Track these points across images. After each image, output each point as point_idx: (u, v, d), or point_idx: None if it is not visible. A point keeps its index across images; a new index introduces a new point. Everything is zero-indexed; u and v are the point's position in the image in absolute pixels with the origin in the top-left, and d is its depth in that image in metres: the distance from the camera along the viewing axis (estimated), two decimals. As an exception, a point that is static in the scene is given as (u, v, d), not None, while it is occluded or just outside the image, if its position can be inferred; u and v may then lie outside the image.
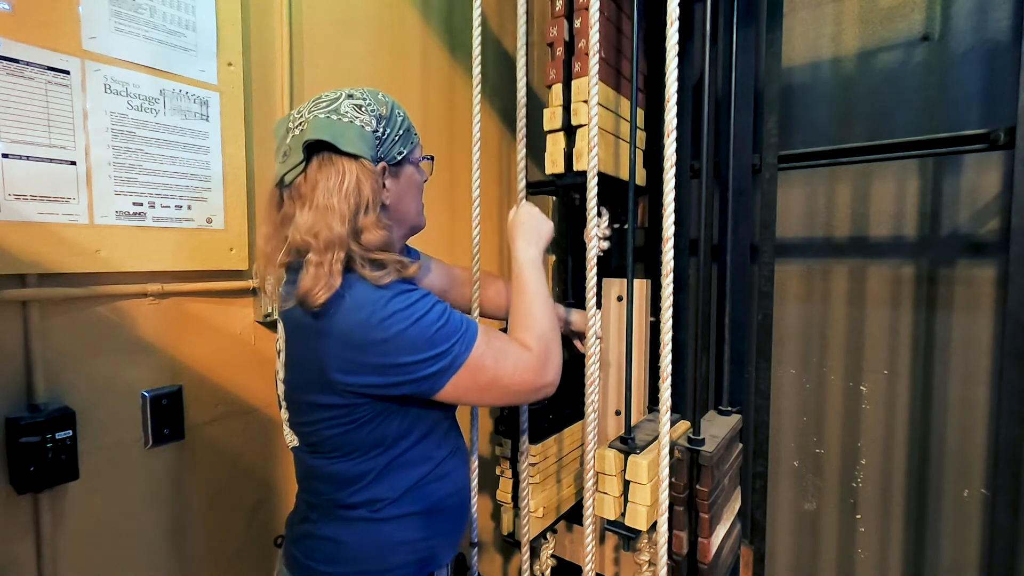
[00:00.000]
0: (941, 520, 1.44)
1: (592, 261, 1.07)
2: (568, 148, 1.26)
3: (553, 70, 1.29)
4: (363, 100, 0.77)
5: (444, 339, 0.72)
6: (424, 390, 0.73)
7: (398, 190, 0.80)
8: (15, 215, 0.83)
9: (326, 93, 0.78)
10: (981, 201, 1.35)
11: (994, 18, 1.31)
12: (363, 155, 0.73)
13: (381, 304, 0.70)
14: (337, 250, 0.70)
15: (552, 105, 1.28)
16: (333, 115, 0.74)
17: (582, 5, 1.24)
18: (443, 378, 0.72)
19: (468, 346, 0.73)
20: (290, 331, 0.77)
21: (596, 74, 1.03)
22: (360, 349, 0.69)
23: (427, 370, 0.71)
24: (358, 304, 0.70)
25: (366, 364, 0.70)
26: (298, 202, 0.74)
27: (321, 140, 0.72)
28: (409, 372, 0.71)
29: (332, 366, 0.70)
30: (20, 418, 0.83)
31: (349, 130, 0.73)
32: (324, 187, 0.71)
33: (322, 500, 0.81)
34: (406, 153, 0.81)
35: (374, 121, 0.76)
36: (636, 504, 1.22)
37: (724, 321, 1.43)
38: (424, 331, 0.71)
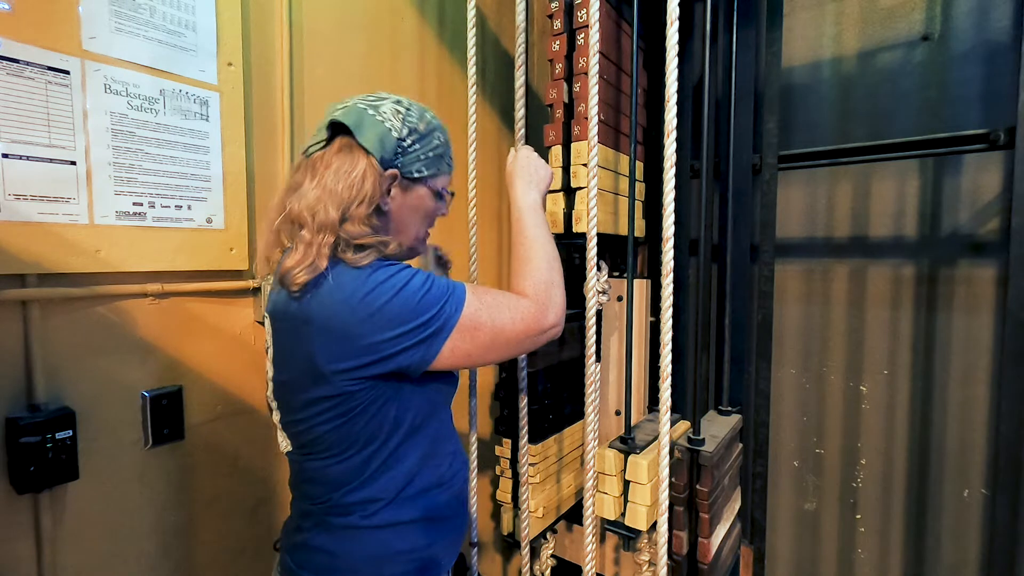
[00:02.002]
0: (941, 520, 1.44)
1: (591, 312, 1.10)
2: (568, 209, 1.28)
3: (552, 132, 1.31)
4: (405, 109, 0.78)
5: (431, 304, 0.70)
6: (418, 360, 0.71)
7: (402, 203, 0.79)
8: (15, 215, 0.83)
9: (382, 92, 0.80)
10: (981, 201, 1.35)
11: (994, 18, 1.31)
12: (374, 153, 0.74)
13: (361, 280, 0.69)
14: (327, 233, 0.70)
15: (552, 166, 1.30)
16: (370, 109, 0.76)
17: (581, 69, 1.25)
18: (436, 343, 0.70)
19: (458, 307, 0.72)
20: (276, 324, 0.75)
21: (596, 142, 1.05)
22: (346, 330, 0.68)
23: (419, 336, 0.69)
24: (339, 284, 0.69)
25: (355, 346, 0.68)
26: (309, 173, 0.75)
27: (344, 125, 0.74)
28: (400, 342, 0.69)
29: (320, 354, 0.69)
30: (20, 418, 0.83)
31: (375, 127, 0.74)
32: (335, 170, 0.73)
33: (315, 506, 0.79)
34: (426, 175, 0.80)
35: (405, 130, 0.76)
36: (636, 504, 1.22)
37: (724, 321, 1.43)
38: (409, 299, 0.69)
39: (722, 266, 1.45)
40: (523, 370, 1.22)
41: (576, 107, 1.29)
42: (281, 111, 1.19)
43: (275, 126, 1.18)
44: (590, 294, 1.11)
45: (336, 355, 0.69)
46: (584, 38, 1.26)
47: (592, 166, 1.05)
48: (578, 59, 1.27)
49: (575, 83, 1.29)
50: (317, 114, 1.26)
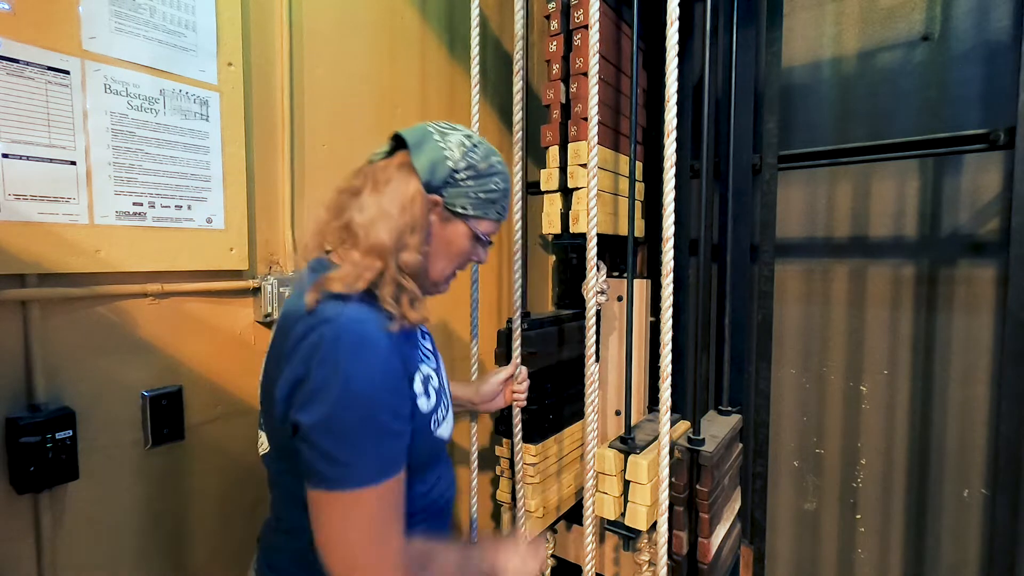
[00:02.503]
0: (941, 520, 1.44)
1: (591, 312, 1.10)
2: (565, 210, 1.28)
3: (549, 132, 1.31)
4: (472, 146, 0.76)
5: (351, 442, 0.61)
6: (305, 474, 0.63)
7: (438, 233, 0.76)
8: (15, 215, 0.83)
9: (461, 125, 0.79)
10: (981, 201, 1.35)
11: (994, 18, 1.31)
12: (421, 176, 0.72)
13: (356, 363, 0.61)
14: (376, 259, 0.68)
15: (549, 167, 1.30)
16: (436, 134, 0.75)
17: (579, 70, 1.25)
18: (311, 476, 0.62)
19: (362, 480, 0.61)
20: (279, 326, 0.72)
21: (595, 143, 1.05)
22: (303, 377, 0.62)
23: (316, 463, 0.61)
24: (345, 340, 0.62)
25: (295, 412, 0.62)
26: (370, 183, 0.73)
27: (405, 141, 0.74)
28: (308, 445, 0.61)
29: (279, 391, 0.64)
30: (20, 418, 0.83)
31: (432, 152, 0.73)
32: (392, 189, 0.71)
33: (287, 527, 0.75)
34: (470, 214, 0.76)
35: (463, 163, 0.74)
36: (636, 504, 1.22)
37: (724, 321, 1.43)
38: (354, 429, 0.61)
39: (722, 266, 1.45)
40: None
41: (573, 108, 1.29)
42: (281, 111, 1.19)
43: (275, 126, 1.18)
44: (589, 294, 1.11)
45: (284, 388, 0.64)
46: (581, 39, 1.26)
47: (591, 167, 1.05)
48: (575, 60, 1.27)
49: (572, 84, 1.29)
50: (317, 114, 1.27)
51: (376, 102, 1.41)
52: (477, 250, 0.82)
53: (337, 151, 1.32)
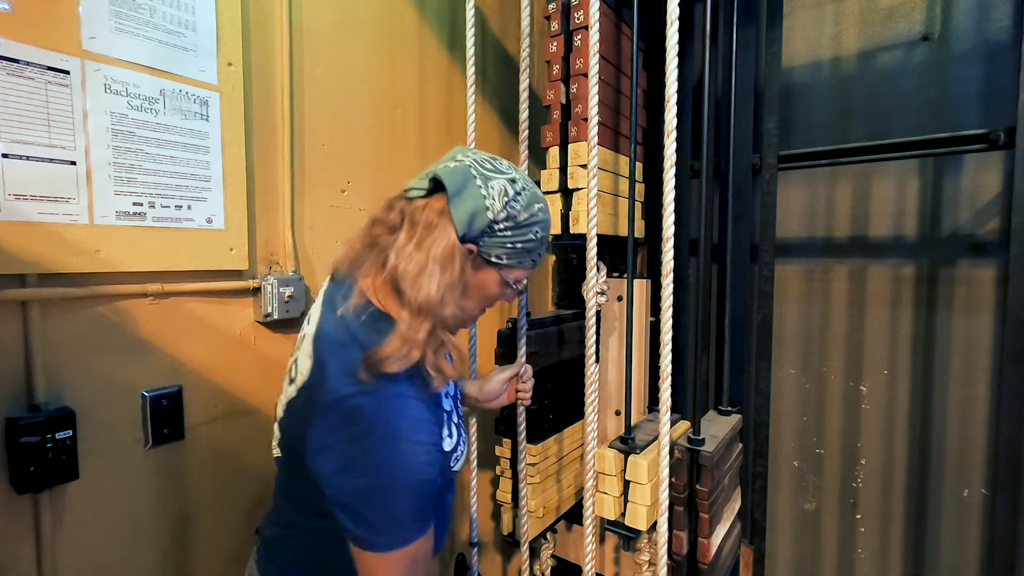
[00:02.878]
0: (941, 520, 1.44)
1: (591, 312, 1.10)
2: (565, 210, 1.28)
3: (549, 133, 1.31)
4: (515, 193, 0.72)
5: (391, 514, 0.64)
6: (347, 535, 0.66)
7: (469, 279, 0.74)
8: (15, 215, 0.83)
9: (506, 164, 0.76)
10: (981, 201, 1.35)
11: (994, 18, 1.31)
12: (458, 229, 0.69)
13: (401, 447, 0.64)
14: (426, 319, 0.67)
15: (549, 167, 1.30)
16: (479, 179, 0.71)
17: (579, 71, 1.25)
18: (355, 540, 0.65)
19: (391, 544, 0.65)
20: (316, 343, 0.72)
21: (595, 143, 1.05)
22: (340, 441, 0.64)
23: (355, 526, 0.64)
24: (388, 415, 0.65)
25: (327, 467, 0.65)
26: (407, 224, 0.71)
27: (444, 186, 0.70)
28: (344, 505, 0.65)
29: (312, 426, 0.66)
30: (20, 418, 0.83)
31: (472, 200, 0.70)
32: (434, 239, 0.68)
33: (291, 525, 0.79)
34: (504, 264, 0.74)
35: (503, 214, 0.71)
36: (636, 504, 1.22)
37: (724, 321, 1.43)
38: (397, 503, 0.64)
39: (722, 266, 1.45)
40: (523, 370, 1.22)
41: (574, 108, 1.29)
42: (281, 111, 1.19)
43: (275, 126, 1.18)
44: (589, 295, 1.11)
45: (316, 449, 0.66)
46: (581, 39, 1.26)
47: (592, 167, 1.05)
48: (575, 60, 1.27)
49: (572, 84, 1.29)
50: (317, 114, 1.27)
51: (376, 102, 1.41)
52: (506, 293, 0.80)
53: (337, 151, 1.32)
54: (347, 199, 1.35)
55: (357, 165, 1.37)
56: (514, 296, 0.83)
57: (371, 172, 1.40)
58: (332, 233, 1.31)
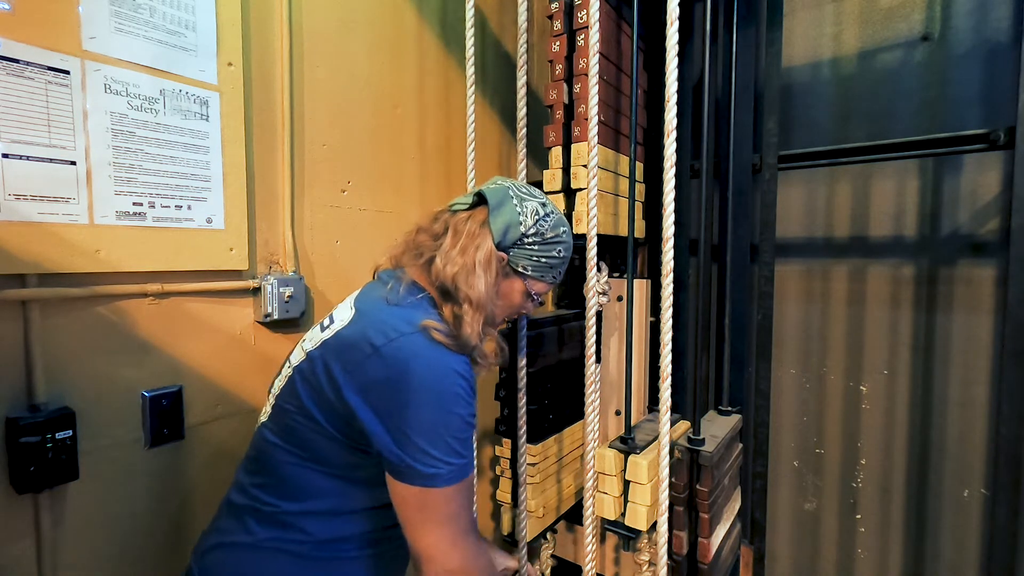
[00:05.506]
0: (941, 520, 1.44)
1: (591, 313, 1.11)
2: (568, 210, 1.28)
3: (552, 133, 1.31)
4: (545, 215, 0.84)
5: (449, 446, 0.70)
6: (387, 470, 0.72)
7: (500, 285, 0.84)
8: (15, 215, 0.83)
9: (539, 192, 0.88)
10: (981, 201, 1.35)
11: (994, 18, 1.31)
12: (495, 237, 0.80)
13: (454, 379, 0.71)
14: (481, 312, 0.76)
15: (552, 167, 1.30)
16: (515, 198, 0.82)
17: (581, 71, 1.25)
18: (415, 476, 0.69)
19: (452, 479, 0.70)
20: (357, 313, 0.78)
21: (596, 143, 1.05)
22: (393, 383, 0.69)
23: (413, 462, 0.69)
24: (437, 358, 0.72)
25: (384, 405, 0.70)
26: (452, 232, 0.80)
27: (486, 200, 0.81)
28: (402, 441, 0.69)
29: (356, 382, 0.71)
30: (20, 418, 0.83)
31: (509, 214, 0.80)
32: (477, 246, 0.78)
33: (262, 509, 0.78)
34: (529, 275, 0.85)
35: (532, 230, 0.82)
36: (636, 504, 1.22)
37: (724, 321, 1.43)
38: (448, 426, 0.70)
39: (722, 266, 1.45)
40: (523, 370, 1.22)
41: (576, 108, 1.29)
42: (281, 111, 1.19)
43: (275, 126, 1.18)
44: (590, 295, 1.11)
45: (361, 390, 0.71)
46: (584, 39, 1.26)
47: (592, 167, 1.05)
48: (578, 60, 1.27)
49: (575, 84, 1.29)
50: (317, 114, 1.27)
51: (376, 102, 1.41)
52: (527, 304, 0.89)
53: (337, 151, 1.32)
54: (347, 199, 1.35)
55: (357, 165, 1.37)
56: (533, 308, 0.92)
57: (371, 172, 1.40)
58: (332, 233, 1.31)
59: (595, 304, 1.12)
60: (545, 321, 1.40)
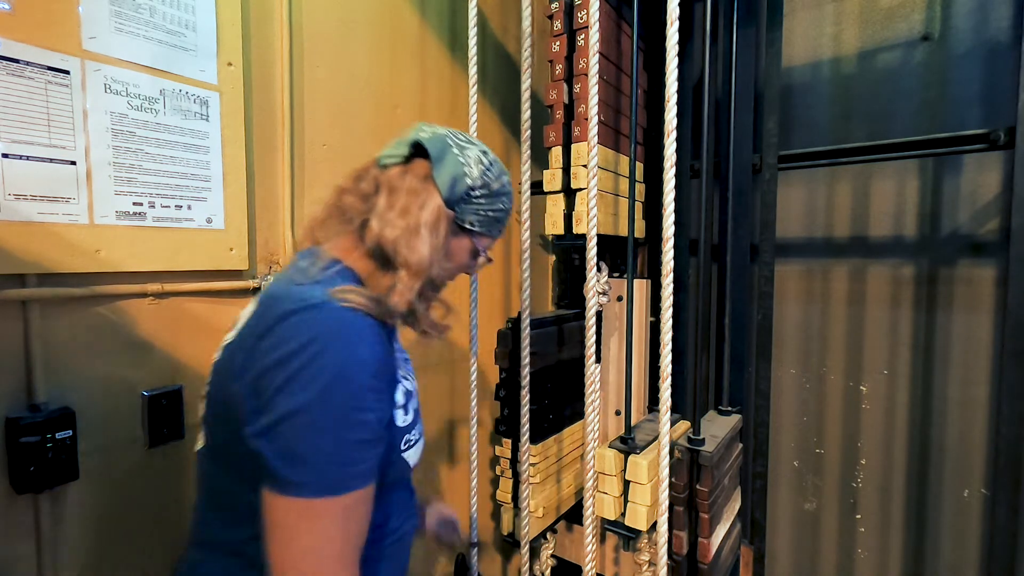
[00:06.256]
0: (941, 520, 1.44)
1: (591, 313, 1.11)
2: (568, 210, 1.29)
3: (552, 133, 1.31)
4: (488, 163, 0.75)
5: (326, 451, 0.55)
6: (262, 474, 0.56)
7: (450, 245, 0.75)
8: (15, 215, 0.83)
9: (472, 137, 0.79)
10: (981, 201, 1.35)
11: (994, 18, 1.31)
12: (443, 193, 0.70)
13: (350, 355, 0.57)
14: (419, 279, 0.67)
15: (552, 167, 1.30)
16: (455, 148, 0.72)
17: (581, 71, 1.25)
18: (275, 481, 0.55)
19: (328, 489, 0.55)
20: (258, 308, 0.66)
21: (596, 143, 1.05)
22: (282, 360, 0.56)
23: (278, 462, 0.55)
24: (336, 325, 0.58)
25: (266, 379, 0.56)
26: (385, 190, 0.69)
27: (427, 150, 0.71)
28: (270, 436, 0.55)
29: (252, 358, 0.58)
30: (20, 418, 0.83)
31: (454, 167, 0.71)
32: (420, 204, 0.68)
33: (206, 548, 0.68)
34: (476, 231, 0.76)
35: (480, 182, 0.73)
36: (636, 504, 1.22)
37: (724, 321, 1.43)
38: (336, 422, 0.56)
39: (722, 266, 1.45)
40: (526, 368, 1.22)
41: (576, 108, 1.29)
42: (281, 111, 1.19)
43: (275, 126, 1.18)
44: (590, 295, 1.11)
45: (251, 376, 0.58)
46: (584, 39, 1.26)
47: (592, 167, 1.05)
48: (578, 60, 1.27)
49: (575, 84, 1.29)
50: (317, 114, 1.27)
51: (376, 102, 1.41)
52: (473, 264, 0.82)
53: (337, 151, 1.32)
54: (347, 199, 1.35)
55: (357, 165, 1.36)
56: (479, 268, 0.84)
57: (371, 172, 1.40)
58: (332, 233, 1.31)
59: (595, 304, 1.12)
60: (545, 321, 1.40)
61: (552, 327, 1.41)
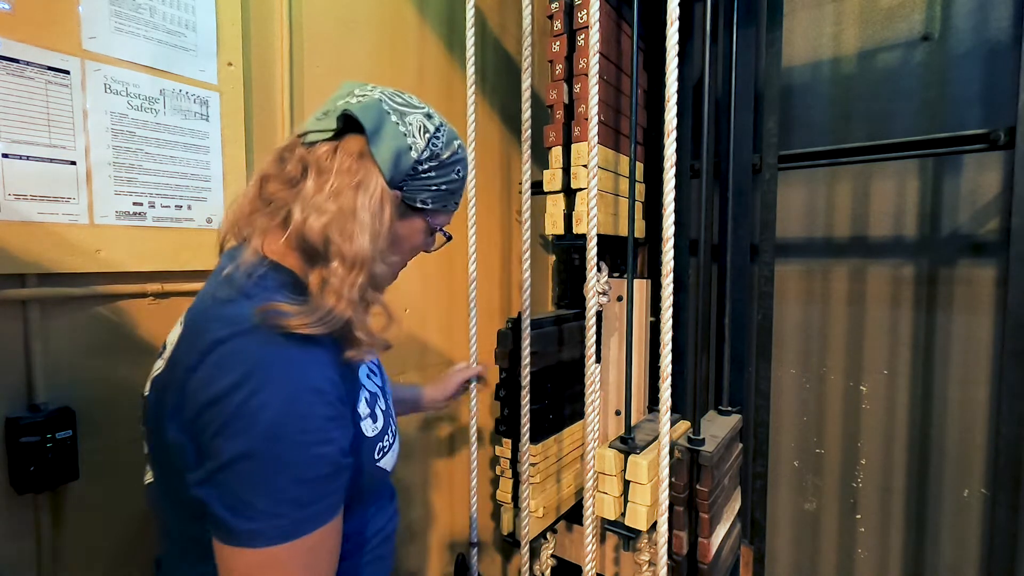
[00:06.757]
0: (941, 520, 1.44)
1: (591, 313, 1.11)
2: (568, 210, 1.29)
3: (553, 133, 1.31)
4: (435, 128, 0.65)
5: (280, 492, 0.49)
6: (209, 523, 0.51)
7: (398, 230, 0.65)
8: (15, 215, 0.83)
9: (412, 97, 0.67)
10: (981, 201, 1.35)
11: (994, 18, 1.31)
12: (384, 172, 0.60)
13: (291, 386, 0.51)
14: (361, 273, 0.56)
15: (552, 167, 1.30)
16: (394, 115, 0.62)
17: (581, 71, 1.25)
18: (228, 533, 0.49)
19: (282, 536, 0.49)
20: (184, 330, 0.59)
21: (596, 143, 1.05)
22: (215, 398, 0.49)
23: (224, 511, 0.49)
24: (275, 351, 0.51)
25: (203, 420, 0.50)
26: (314, 171, 0.59)
27: (359, 123, 0.60)
28: (215, 484, 0.49)
29: (183, 393, 0.52)
30: (20, 418, 0.83)
31: (394, 139, 0.61)
32: (355, 185, 0.58)
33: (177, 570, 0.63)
34: (429, 208, 0.67)
35: (426, 153, 0.63)
36: (636, 504, 1.22)
37: (724, 321, 1.43)
38: (284, 466, 0.49)
39: (722, 266, 1.45)
40: (527, 368, 1.22)
41: (576, 108, 1.29)
42: (281, 111, 1.19)
43: (275, 126, 1.18)
44: (590, 295, 1.11)
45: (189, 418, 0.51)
46: (584, 39, 1.26)
47: (592, 167, 1.05)
48: (578, 60, 1.27)
49: (575, 84, 1.29)
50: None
51: (376, 102, 1.41)
52: (429, 243, 0.73)
53: (337, 151, 1.32)
54: (347, 199, 1.35)
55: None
56: (437, 246, 0.75)
57: (371, 172, 1.40)
58: (332, 233, 1.31)
59: (595, 304, 1.12)
60: (545, 321, 1.40)
61: (552, 327, 1.41)
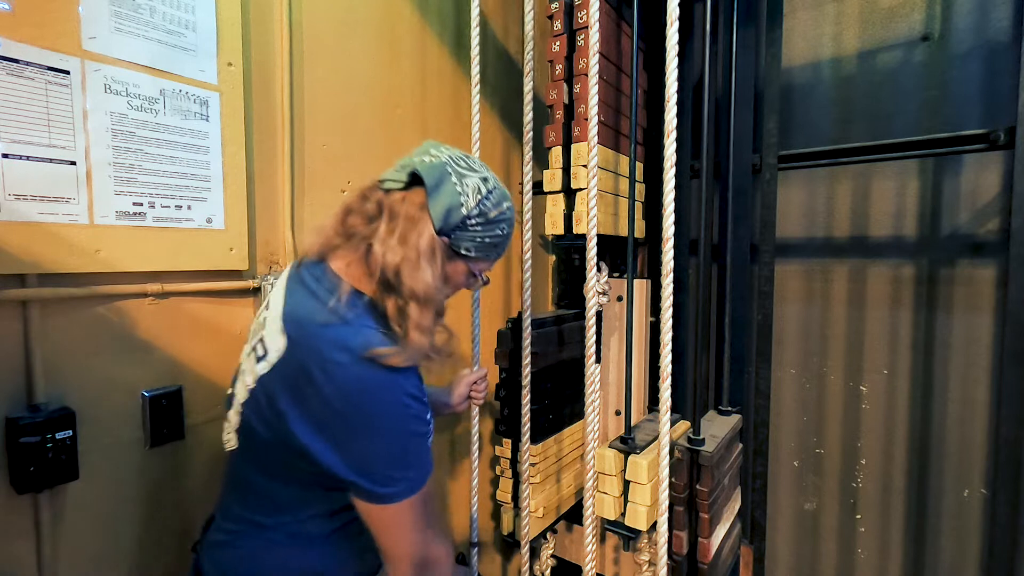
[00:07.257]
0: (941, 520, 1.44)
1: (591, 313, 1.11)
2: (568, 210, 1.29)
3: (553, 133, 1.31)
4: (487, 191, 0.76)
5: (406, 464, 0.71)
6: (349, 490, 0.72)
7: (446, 271, 0.78)
8: (15, 215, 0.83)
9: (477, 162, 0.79)
10: (981, 201, 1.35)
11: (994, 18, 1.31)
12: (435, 223, 0.72)
13: (398, 394, 0.70)
14: (429, 306, 0.71)
15: (552, 167, 1.30)
16: (454, 176, 0.74)
17: (581, 71, 1.25)
18: (378, 498, 0.70)
19: (413, 490, 0.72)
20: (295, 334, 0.72)
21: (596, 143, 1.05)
22: (343, 416, 0.68)
23: (369, 484, 0.70)
24: (380, 375, 0.69)
25: (333, 439, 0.69)
26: (387, 216, 0.73)
27: (422, 180, 0.72)
28: (361, 470, 0.69)
29: (306, 402, 0.69)
30: (20, 418, 0.83)
31: (449, 196, 0.73)
32: (418, 232, 0.71)
33: (243, 524, 0.79)
34: (472, 256, 0.79)
35: (476, 211, 0.75)
36: (636, 504, 1.22)
37: (724, 321, 1.43)
38: (404, 447, 0.71)
39: (722, 266, 1.45)
40: (527, 368, 1.22)
41: (576, 108, 1.29)
42: (281, 111, 1.19)
43: (275, 126, 1.18)
44: (590, 295, 1.11)
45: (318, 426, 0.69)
46: (584, 39, 1.26)
47: (592, 167, 1.05)
48: (578, 60, 1.27)
49: (575, 84, 1.29)
50: (317, 114, 1.27)
51: (376, 102, 1.41)
52: (471, 283, 0.86)
53: (337, 151, 1.32)
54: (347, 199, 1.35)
55: (357, 165, 1.37)
56: (479, 286, 0.89)
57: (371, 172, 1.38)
58: (332, 233, 1.31)
59: (595, 304, 1.12)
60: (545, 321, 1.40)
61: (552, 327, 1.41)
